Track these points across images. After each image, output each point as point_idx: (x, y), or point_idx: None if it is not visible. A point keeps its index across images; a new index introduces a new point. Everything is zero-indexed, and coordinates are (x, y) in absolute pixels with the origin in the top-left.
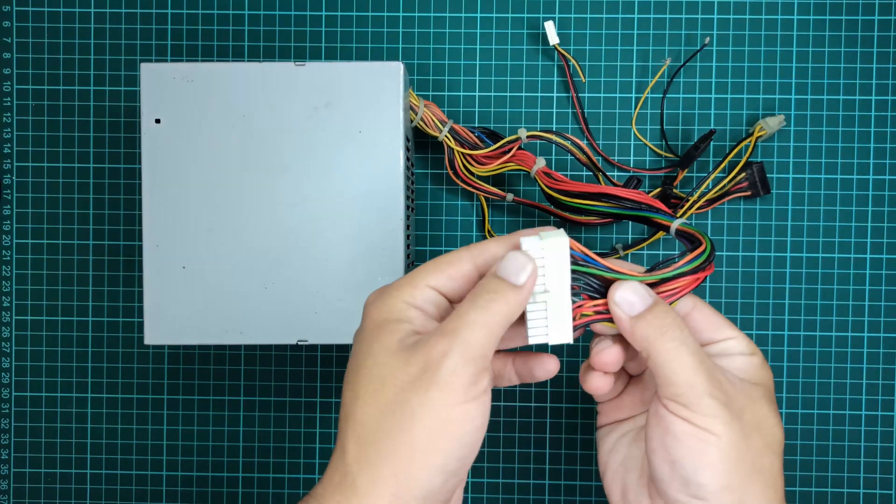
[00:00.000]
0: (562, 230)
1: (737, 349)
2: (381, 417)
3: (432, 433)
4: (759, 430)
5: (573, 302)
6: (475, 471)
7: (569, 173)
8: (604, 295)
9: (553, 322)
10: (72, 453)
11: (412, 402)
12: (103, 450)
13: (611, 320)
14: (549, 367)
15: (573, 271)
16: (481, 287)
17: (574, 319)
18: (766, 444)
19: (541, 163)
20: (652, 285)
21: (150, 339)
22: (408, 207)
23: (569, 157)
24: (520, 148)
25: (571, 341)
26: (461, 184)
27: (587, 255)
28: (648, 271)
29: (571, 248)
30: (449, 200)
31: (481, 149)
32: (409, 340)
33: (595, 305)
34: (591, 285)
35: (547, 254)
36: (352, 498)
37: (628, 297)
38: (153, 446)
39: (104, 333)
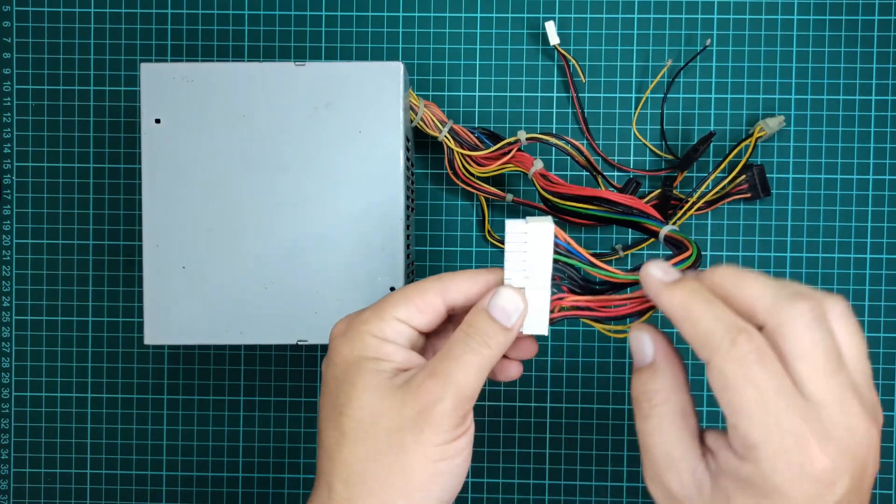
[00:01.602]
0: (549, 217)
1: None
2: (372, 459)
3: (429, 470)
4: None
5: (553, 293)
6: (475, 471)
7: (568, 174)
8: (585, 291)
9: (531, 312)
10: (72, 453)
11: (406, 443)
12: (103, 450)
13: (591, 318)
14: (510, 373)
15: (555, 261)
16: (473, 328)
17: (552, 312)
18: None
19: (538, 164)
20: (633, 286)
21: (150, 339)
22: (408, 207)
23: (569, 158)
24: (519, 150)
25: (546, 333)
26: (461, 184)
27: (571, 246)
28: (631, 272)
29: (556, 237)
30: (449, 200)
31: (481, 150)
32: (398, 380)
33: (576, 301)
34: (574, 279)
35: (530, 238)
36: None
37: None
38: (153, 446)
39: (104, 333)
